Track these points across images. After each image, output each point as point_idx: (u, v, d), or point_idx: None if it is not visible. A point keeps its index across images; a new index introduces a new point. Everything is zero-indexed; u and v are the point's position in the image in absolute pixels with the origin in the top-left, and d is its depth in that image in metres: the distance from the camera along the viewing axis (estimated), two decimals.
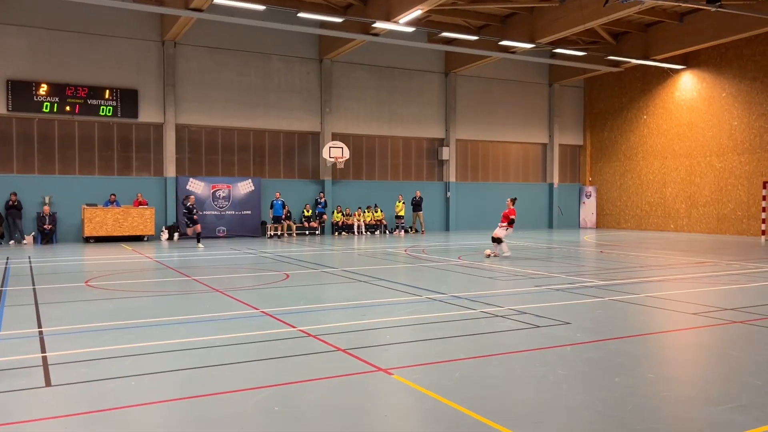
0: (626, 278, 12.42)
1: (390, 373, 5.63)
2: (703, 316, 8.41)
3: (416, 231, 27.98)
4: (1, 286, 11.09)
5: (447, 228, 29.86)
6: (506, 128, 31.33)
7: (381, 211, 27.86)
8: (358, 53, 26.62)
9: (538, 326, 6.61)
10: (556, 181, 32.72)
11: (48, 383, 5.41)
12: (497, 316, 8.28)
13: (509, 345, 6.85)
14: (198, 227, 20.22)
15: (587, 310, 8.96)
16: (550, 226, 32.67)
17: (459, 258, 16.24)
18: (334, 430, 4.37)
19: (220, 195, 24.67)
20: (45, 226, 21.36)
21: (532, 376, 5.69)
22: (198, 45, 24.22)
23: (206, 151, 25.07)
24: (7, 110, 21.31)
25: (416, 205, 27.65)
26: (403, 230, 27.32)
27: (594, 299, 9.80)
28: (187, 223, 20.34)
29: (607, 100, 32.37)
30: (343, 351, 6.43)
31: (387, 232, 27.81)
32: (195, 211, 20.29)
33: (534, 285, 11.28)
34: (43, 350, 6.48)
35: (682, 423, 4.58)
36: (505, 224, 16.34)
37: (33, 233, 21.52)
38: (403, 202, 27.46)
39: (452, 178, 29.90)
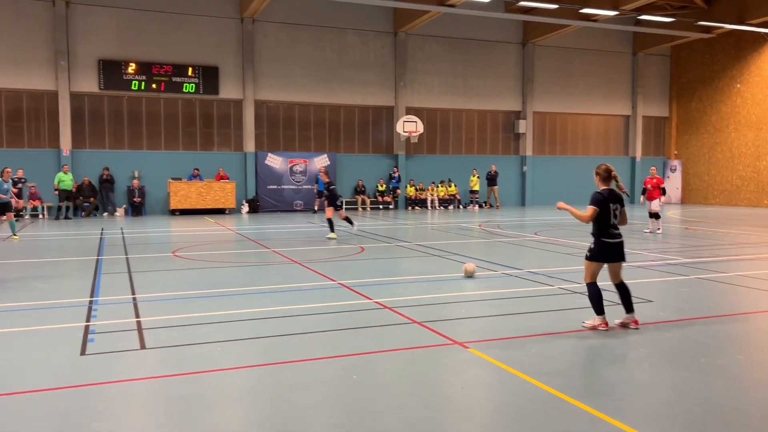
0: (714, 256, 11.85)
1: (466, 347, 5.66)
2: None
3: (491, 206, 27.64)
4: (98, 255, 11.84)
5: (523, 203, 29.34)
6: (586, 100, 30.24)
7: (455, 186, 27.67)
8: (433, 25, 26.28)
9: (619, 303, 6.43)
10: (638, 154, 31.40)
11: (143, 346, 5.78)
12: (576, 293, 8.12)
13: None
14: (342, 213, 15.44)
15: (671, 289, 8.63)
16: (632, 201, 31.49)
17: (536, 234, 15.96)
18: (412, 400, 4.45)
19: (297, 170, 25.19)
20: (135, 199, 22.52)
21: (613, 354, 5.57)
22: (275, 21, 24.60)
23: (283, 127, 25.59)
24: (99, 89, 22.46)
25: (491, 179, 27.28)
26: (477, 205, 27.06)
27: (679, 277, 9.42)
28: (331, 203, 15.14)
29: (696, 69, 30.58)
30: (419, 323, 6.50)
31: (461, 207, 27.64)
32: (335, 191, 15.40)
33: None
34: (137, 315, 6.90)
35: None
36: (658, 197, 15.88)
37: (124, 206, 22.73)
38: (478, 177, 27.14)
39: (529, 152, 29.25)
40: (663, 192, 16.09)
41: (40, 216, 21.50)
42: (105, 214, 22.44)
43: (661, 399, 4.47)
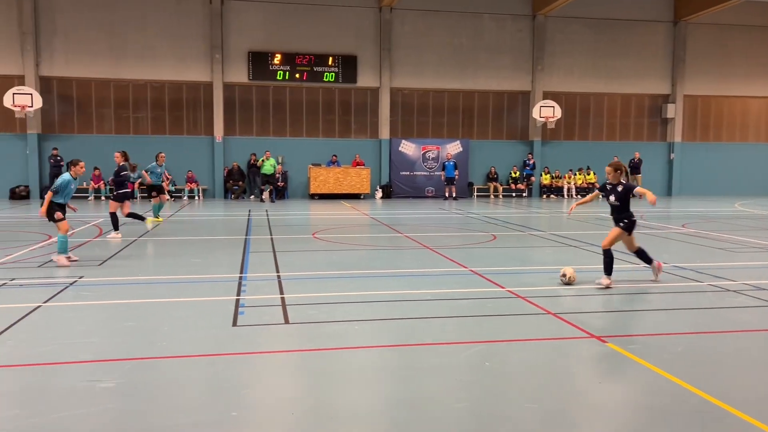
0: None
1: (604, 341, 5.45)
2: None
3: (633, 195, 26.07)
4: (246, 235, 12.72)
5: (669, 193, 27.41)
6: (747, 81, 27.51)
7: (593, 174, 26.44)
8: (574, 6, 25.15)
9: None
10: None
11: (286, 321, 6.17)
12: (729, 290, 7.51)
13: (742, 322, 6.20)
14: None
15: None
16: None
17: (683, 226, 14.89)
18: (544, 391, 4.38)
19: (429, 156, 25.35)
20: (278, 184, 23.85)
21: None
22: (412, 9, 24.79)
23: (417, 114, 25.82)
24: (248, 79, 23.98)
25: (634, 167, 25.73)
26: None
27: None
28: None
29: None
30: (553, 315, 6.35)
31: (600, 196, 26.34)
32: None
33: None
34: (282, 292, 7.36)
35: None
36: None
37: (270, 188, 24.13)
38: None
39: (677, 138, 27.22)
40: None
41: (196, 198, 23.44)
42: (251, 197, 23.99)
43: None
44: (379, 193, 24.71)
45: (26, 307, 6.45)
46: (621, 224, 7.96)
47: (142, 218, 12.92)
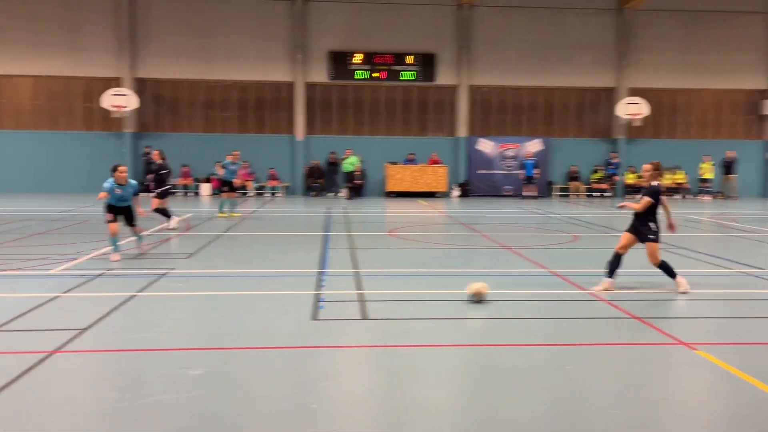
0: None
1: (693, 348, 5.21)
2: None
3: (726, 197, 24.71)
4: (325, 232, 12.98)
5: (766, 194, 25.77)
6: None
7: (683, 173, 25.21)
8: None
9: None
10: None
11: (365, 316, 6.26)
12: None
13: None
14: None
15: None
16: None
17: None
18: (629, 397, 4.25)
19: (507, 155, 24.96)
20: (356, 181, 24.14)
21: None
22: (491, 5, 24.45)
23: (496, 111, 25.47)
24: (328, 79, 24.43)
25: (728, 166, 24.36)
26: (708, 195, 24.39)
27: None
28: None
29: None
30: (638, 319, 6.13)
31: (691, 196, 25.13)
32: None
33: None
34: (360, 288, 7.47)
35: None
36: None
37: (347, 186, 24.46)
38: (712, 164, 24.39)
39: None
40: None
41: (278, 194, 24.10)
42: (332, 194, 24.38)
43: None
44: (456, 192, 24.56)
45: (122, 296, 6.86)
46: (650, 237, 7.24)
47: (168, 216, 12.97)
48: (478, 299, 6.66)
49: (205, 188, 23.32)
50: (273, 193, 24.08)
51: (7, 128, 23.45)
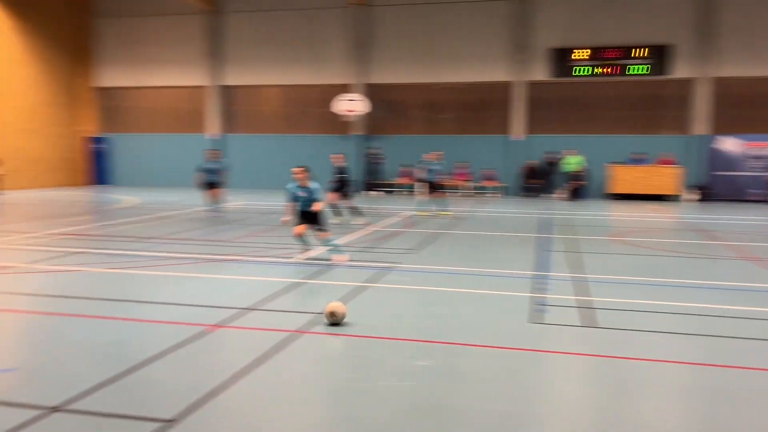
0: None
1: None
2: None
3: None
4: (544, 233, 12.71)
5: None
6: None
7: None
8: None
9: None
10: None
11: (588, 323, 6.03)
12: None
13: None
14: None
15: None
16: None
17: None
18: None
19: (755, 154, 22.03)
20: (579, 182, 23.04)
21: None
22: None
23: (743, 106, 22.60)
24: (548, 76, 23.80)
25: None
26: None
27: None
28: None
29: None
30: None
31: None
32: None
33: None
34: (582, 294, 7.21)
35: None
36: None
37: (566, 187, 23.52)
38: None
39: None
40: None
41: (494, 194, 24.13)
42: (552, 194, 23.72)
43: None
44: (691, 195, 22.32)
45: (359, 286, 7.46)
46: None
47: (361, 214, 14.11)
48: (332, 321, 5.77)
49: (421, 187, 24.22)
50: (489, 194, 24.15)
51: (257, 132, 26.76)
